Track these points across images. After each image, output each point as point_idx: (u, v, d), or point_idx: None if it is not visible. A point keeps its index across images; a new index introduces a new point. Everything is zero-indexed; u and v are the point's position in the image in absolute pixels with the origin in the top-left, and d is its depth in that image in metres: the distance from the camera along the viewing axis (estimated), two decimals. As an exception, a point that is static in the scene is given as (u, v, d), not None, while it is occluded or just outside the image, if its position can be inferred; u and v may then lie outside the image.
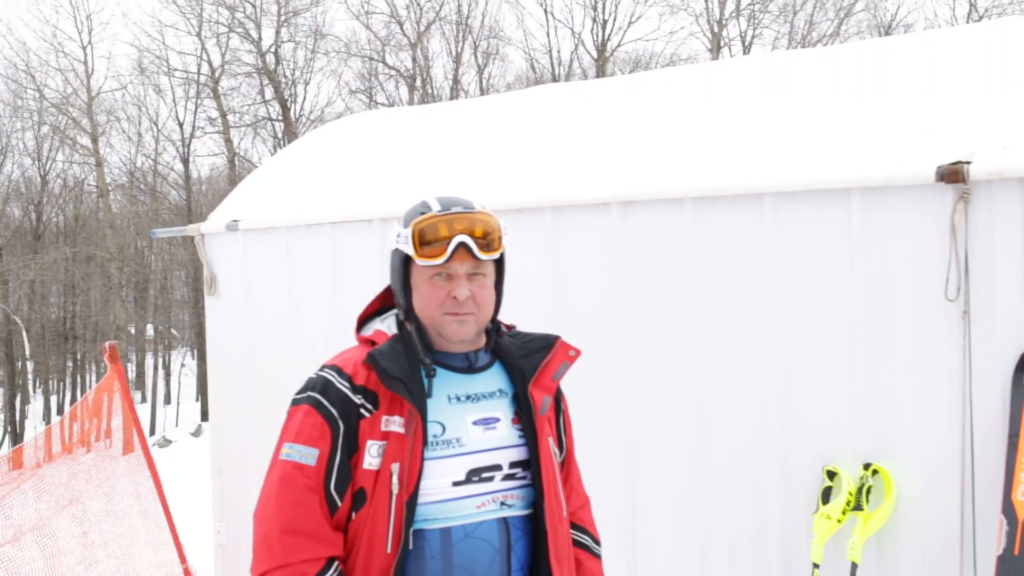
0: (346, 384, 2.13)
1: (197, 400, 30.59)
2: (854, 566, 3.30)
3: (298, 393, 2.19)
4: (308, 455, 2.08)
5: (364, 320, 2.34)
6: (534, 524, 2.20)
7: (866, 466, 3.37)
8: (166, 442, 21.18)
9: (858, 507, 3.33)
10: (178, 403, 33.47)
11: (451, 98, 28.90)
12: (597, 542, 2.44)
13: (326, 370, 2.19)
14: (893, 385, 3.34)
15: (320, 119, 29.62)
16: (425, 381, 2.14)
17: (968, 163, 3.13)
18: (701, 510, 3.74)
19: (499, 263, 2.24)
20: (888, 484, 3.33)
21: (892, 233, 3.33)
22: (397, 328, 2.23)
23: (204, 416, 23.83)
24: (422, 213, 2.16)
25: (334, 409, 2.11)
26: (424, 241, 2.13)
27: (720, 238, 3.68)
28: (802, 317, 3.51)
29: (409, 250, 2.15)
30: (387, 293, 2.34)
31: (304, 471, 2.07)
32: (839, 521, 3.35)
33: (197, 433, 21.63)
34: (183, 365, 37.18)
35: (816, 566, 3.37)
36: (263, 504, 2.12)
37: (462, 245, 2.12)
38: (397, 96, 30.54)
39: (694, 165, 3.84)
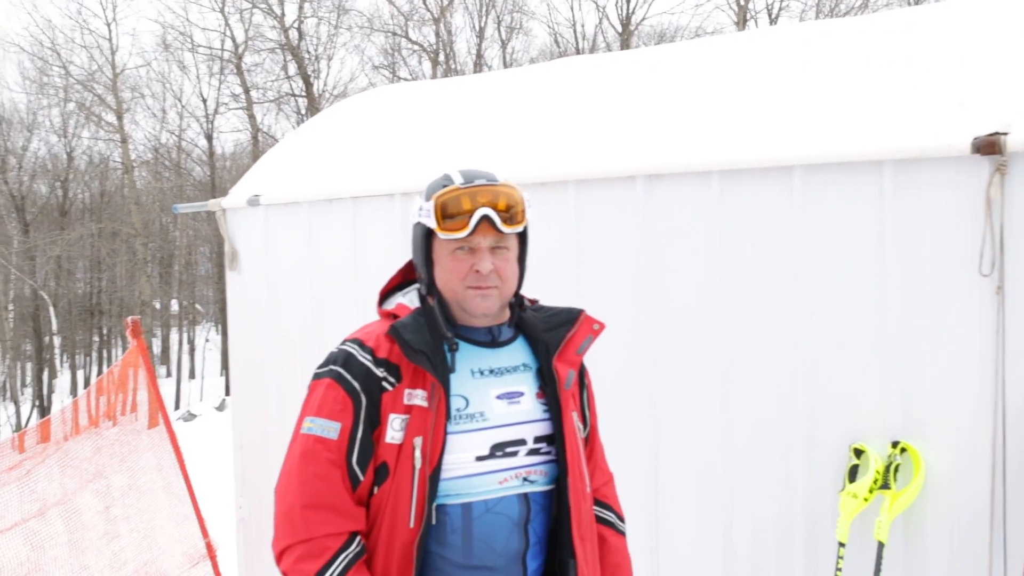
0: (368, 357, 2.11)
1: (221, 375, 30.83)
2: (881, 546, 3.24)
3: (320, 367, 2.17)
4: (330, 429, 2.06)
5: (386, 294, 2.32)
6: (554, 499, 2.17)
7: (894, 444, 3.31)
8: (191, 416, 21.38)
9: (885, 486, 3.27)
10: (203, 377, 33.78)
11: (474, 73, 28.76)
12: (621, 519, 2.42)
13: (348, 344, 2.16)
14: (923, 362, 3.27)
15: (343, 95, 29.57)
16: (448, 355, 2.11)
17: (1005, 134, 3.04)
18: (725, 487, 3.69)
19: (523, 236, 2.21)
20: (917, 463, 3.27)
21: (925, 206, 3.24)
22: (419, 302, 2.20)
23: (228, 391, 23.99)
24: (444, 186, 2.13)
25: (356, 383, 2.09)
26: (446, 214, 2.10)
27: (748, 212, 3.61)
28: (831, 293, 3.43)
29: (431, 223, 2.12)
30: (409, 267, 2.31)
31: (326, 445, 2.06)
32: (866, 500, 3.29)
33: (221, 407, 21.81)
34: (207, 340, 37.47)
35: (842, 545, 3.32)
36: (284, 479, 2.10)
37: (485, 218, 2.09)
38: (420, 71, 30.45)
39: (721, 137, 3.76)
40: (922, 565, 3.28)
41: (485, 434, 2.10)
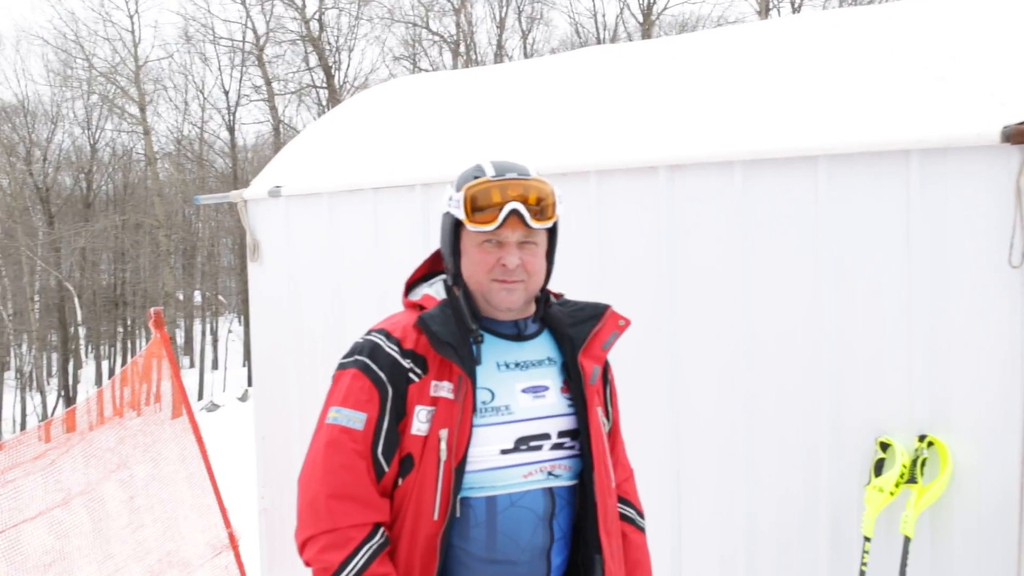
0: (395, 348, 2.10)
1: (244, 365, 31.02)
2: (907, 540, 3.20)
3: (345, 357, 2.16)
4: (356, 419, 2.05)
5: (412, 284, 2.30)
6: (579, 495, 2.16)
7: (921, 438, 3.26)
8: (214, 407, 21.51)
9: (912, 480, 3.23)
10: (225, 368, 33.97)
11: (495, 64, 28.69)
12: (641, 515, 2.40)
13: (374, 334, 2.15)
14: (951, 355, 3.22)
15: (364, 86, 29.60)
16: (473, 347, 2.09)
17: (1035, 123, 2.99)
18: (747, 481, 3.66)
19: (552, 231, 2.19)
20: (944, 457, 3.22)
21: (953, 196, 3.19)
22: (446, 293, 2.19)
23: (251, 381, 24.11)
24: (475, 177, 2.12)
25: (383, 373, 2.08)
26: (476, 207, 2.08)
27: (771, 203, 3.57)
28: (856, 285, 3.39)
29: (460, 214, 2.10)
30: (435, 257, 2.30)
31: (352, 435, 2.05)
32: (892, 494, 3.25)
33: (244, 398, 21.92)
34: (230, 331, 37.69)
35: (867, 539, 3.28)
36: (308, 468, 2.09)
37: (514, 212, 2.07)
38: (441, 62, 30.43)
39: (744, 127, 3.72)
40: (949, 560, 3.23)
41: (510, 427, 2.09)
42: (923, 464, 3.23)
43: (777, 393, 3.58)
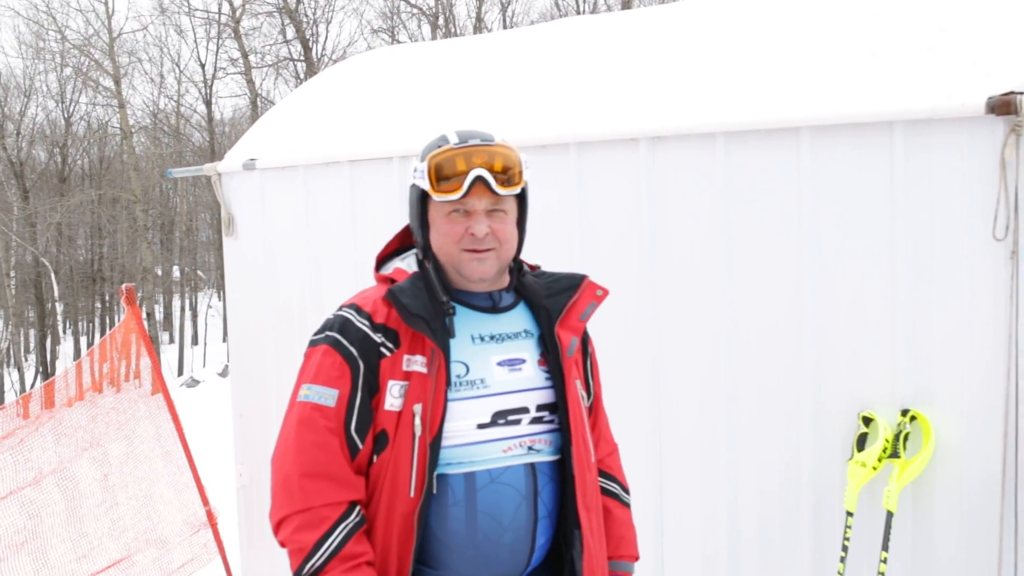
0: (366, 323, 2.05)
1: (224, 341, 30.86)
2: (889, 515, 3.19)
3: (316, 333, 2.11)
4: (327, 396, 2.01)
5: (383, 259, 2.25)
6: (562, 470, 2.11)
7: (904, 412, 3.24)
8: (194, 382, 21.41)
9: (895, 454, 3.21)
10: (205, 344, 33.84)
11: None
12: (626, 490, 2.37)
13: (345, 309, 2.10)
14: (934, 328, 3.19)
15: (342, 59, 29.26)
16: (446, 320, 2.04)
17: (1021, 94, 2.94)
18: (730, 455, 3.63)
19: (521, 199, 2.14)
20: (926, 431, 3.21)
21: (937, 168, 3.15)
22: (417, 266, 2.14)
23: (230, 357, 24.01)
24: (439, 146, 2.06)
25: (353, 348, 2.03)
26: (440, 175, 2.03)
27: (754, 174, 3.52)
28: (839, 257, 3.35)
29: (425, 185, 2.05)
30: (407, 231, 2.25)
31: (324, 412, 2.00)
32: (874, 469, 3.23)
33: (224, 373, 21.81)
34: (210, 306, 37.51)
35: (850, 514, 3.27)
36: (281, 448, 2.05)
37: (479, 179, 2.02)
38: (419, 35, 30.14)
39: (726, 98, 3.66)
40: (931, 535, 3.23)
41: (486, 401, 2.05)
42: (906, 438, 3.21)
43: (759, 366, 3.55)
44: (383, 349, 2.03)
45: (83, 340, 34.57)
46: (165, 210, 35.22)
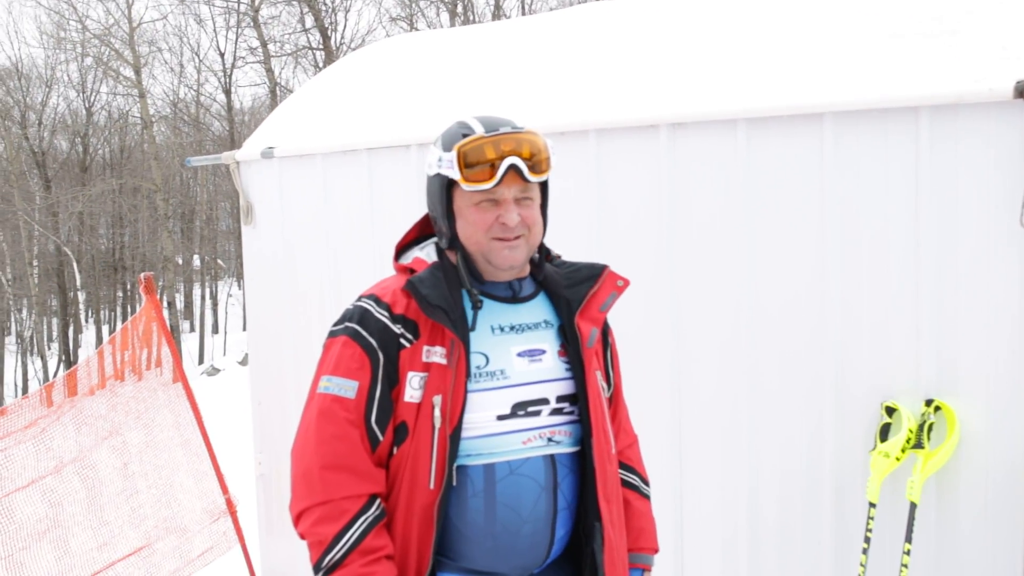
0: (385, 313, 2.03)
1: (244, 329, 30.96)
2: (913, 506, 3.15)
3: (335, 324, 2.10)
4: (347, 388, 2.00)
5: (402, 249, 2.23)
6: (581, 462, 2.09)
7: (928, 402, 3.20)
8: (214, 371, 21.51)
9: (918, 445, 3.17)
10: (225, 332, 33.98)
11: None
12: (646, 482, 2.34)
13: (364, 300, 2.08)
14: (959, 317, 3.15)
15: (361, 47, 29.27)
16: (470, 313, 2.03)
17: (1050, 78, 2.89)
18: (751, 445, 3.60)
19: (544, 185, 2.11)
20: (951, 422, 3.16)
21: (963, 154, 3.10)
22: (437, 256, 2.12)
23: (251, 346, 24.07)
24: (464, 135, 2.03)
25: (373, 339, 2.01)
26: (468, 164, 2.00)
27: (776, 161, 3.47)
28: (862, 245, 3.30)
29: (454, 174, 2.02)
30: (425, 221, 2.22)
31: (344, 404, 1.99)
32: (898, 459, 3.19)
33: (244, 362, 21.89)
34: (230, 295, 37.65)
35: (872, 505, 3.23)
36: (301, 439, 2.03)
37: (512, 167, 1.99)
38: (438, 22, 30.05)
39: (748, 84, 3.61)
40: (955, 526, 3.18)
41: (506, 392, 2.03)
42: (930, 429, 3.17)
43: (781, 356, 3.51)
44: (402, 340, 2.02)
45: (105, 328, 34.78)
46: (185, 199, 35.36)
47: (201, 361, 28.07)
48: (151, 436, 5.53)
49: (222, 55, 32.25)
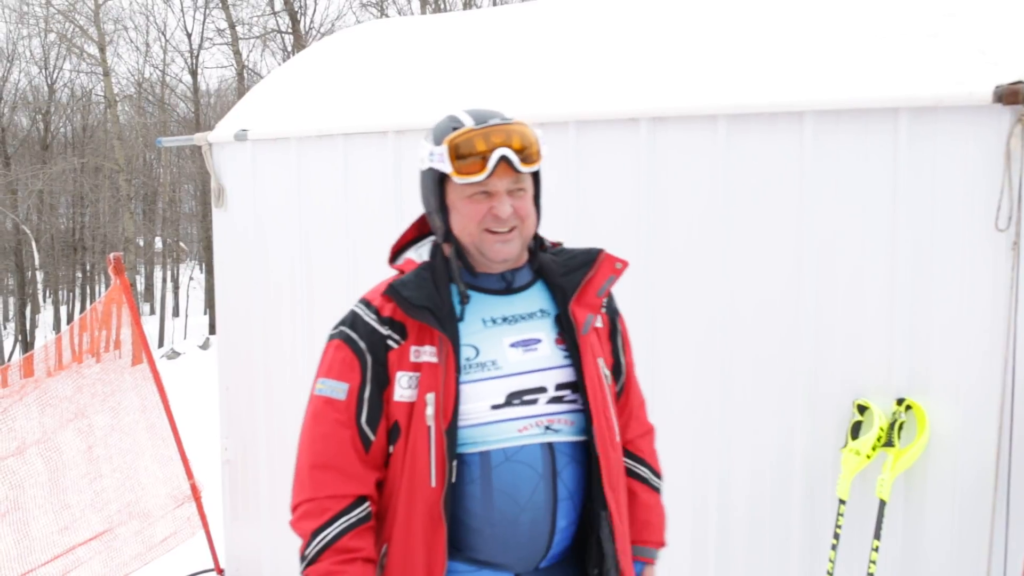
0: (373, 316, 2.07)
1: (205, 313, 30.71)
2: (882, 503, 3.19)
3: (332, 328, 2.14)
4: (339, 390, 2.06)
5: (400, 250, 2.24)
6: (586, 452, 2.10)
7: (899, 401, 3.23)
8: (175, 354, 21.25)
9: (889, 443, 3.20)
10: (186, 316, 33.62)
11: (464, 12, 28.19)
12: (657, 475, 2.33)
13: (357, 304, 2.13)
14: (933, 317, 3.18)
15: (330, 32, 29.00)
16: (458, 307, 2.04)
17: (1029, 83, 2.92)
18: (722, 442, 3.62)
19: (535, 176, 2.12)
20: (921, 420, 3.20)
21: (941, 156, 3.13)
22: (430, 254, 2.13)
23: (212, 329, 23.88)
24: (454, 128, 2.04)
25: (362, 342, 2.06)
26: (459, 156, 2.00)
27: (755, 158, 3.49)
28: (839, 244, 3.33)
29: (446, 168, 2.02)
30: (422, 221, 2.23)
31: (334, 406, 2.05)
32: (868, 457, 3.22)
33: (205, 346, 21.68)
34: (191, 278, 37.26)
35: (842, 502, 3.26)
36: (300, 440, 2.10)
37: (503, 159, 1.99)
38: (409, 9, 29.87)
39: (729, 80, 3.62)
40: (923, 524, 3.23)
41: (499, 382, 2.04)
42: (900, 428, 3.20)
43: (755, 352, 3.53)
44: (390, 342, 2.05)
45: (63, 309, 34.29)
46: (148, 180, 34.87)
47: (161, 344, 27.74)
48: (117, 419, 5.46)
49: (189, 35, 32.01)
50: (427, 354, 2.03)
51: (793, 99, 3.38)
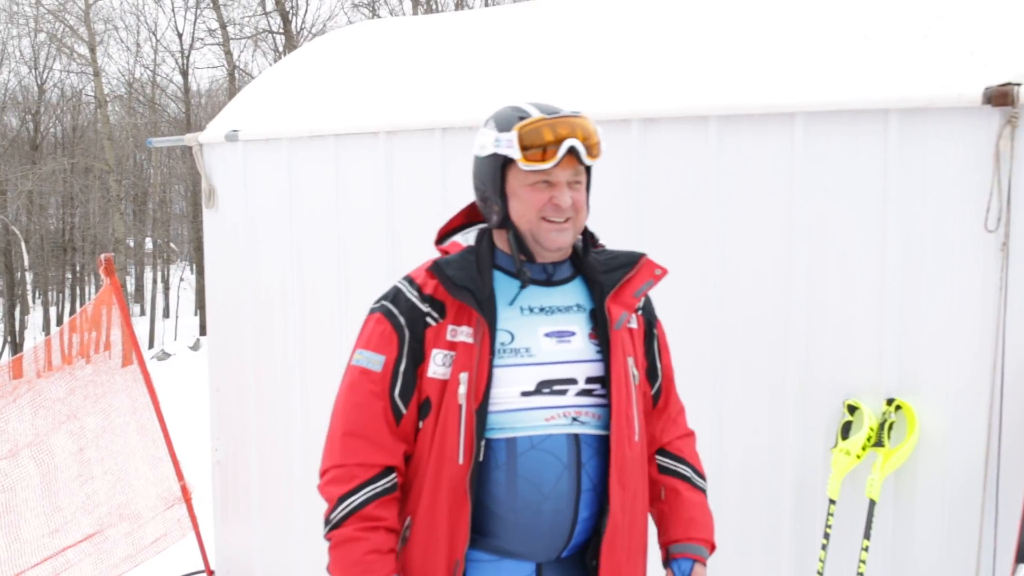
0: (415, 293, 2.13)
1: (195, 314, 30.62)
2: (872, 503, 3.20)
3: (375, 302, 2.20)
4: (375, 361, 2.12)
5: (447, 234, 2.30)
6: (609, 446, 2.13)
7: (889, 401, 3.24)
8: (165, 355, 21.22)
9: (879, 443, 3.21)
10: (177, 317, 33.56)
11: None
12: (701, 476, 2.36)
13: (401, 280, 2.19)
14: (923, 317, 3.19)
15: (322, 32, 28.97)
16: (508, 292, 2.11)
17: (1018, 85, 2.93)
18: (712, 441, 3.62)
19: (588, 171, 2.19)
20: (911, 421, 3.21)
21: (930, 157, 3.14)
22: (476, 240, 2.19)
23: (202, 330, 23.83)
24: (521, 117, 2.10)
25: (402, 317, 2.12)
26: (527, 145, 2.06)
27: (747, 159, 3.49)
28: (830, 244, 3.34)
29: (514, 153, 2.07)
30: (470, 209, 2.29)
31: (370, 376, 2.11)
32: (858, 457, 3.23)
33: (195, 347, 21.65)
34: (182, 279, 37.16)
35: (832, 502, 3.27)
36: (334, 407, 2.16)
37: (572, 150, 2.06)
38: (400, 10, 29.85)
39: (721, 81, 3.63)
40: (913, 524, 3.24)
41: (531, 370, 2.08)
42: (890, 428, 3.22)
43: (746, 353, 3.54)
44: (428, 319, 2.10)
45: (53, 310, 34.17)
46: (139, 181, 34.79)
47: (151, 345, 27.67)
48: (109, 421, 5.44)
49: (180, 36, 31.83)
50: (464, 334, 2.08)
51: (784, 100, 3.39)
